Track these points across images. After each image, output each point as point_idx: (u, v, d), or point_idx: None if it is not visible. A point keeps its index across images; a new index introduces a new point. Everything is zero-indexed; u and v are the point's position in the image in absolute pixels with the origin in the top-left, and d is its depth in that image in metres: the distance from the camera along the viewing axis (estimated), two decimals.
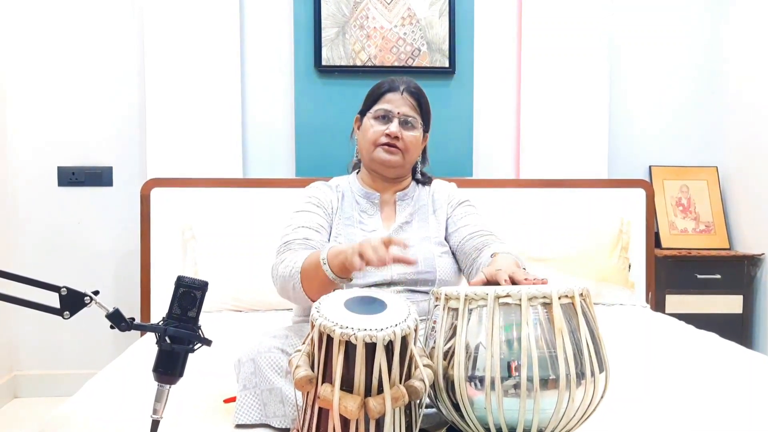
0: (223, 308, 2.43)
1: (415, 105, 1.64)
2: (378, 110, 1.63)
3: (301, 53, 2.88)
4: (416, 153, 1.68)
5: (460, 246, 1.61)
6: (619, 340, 1.87)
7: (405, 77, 1.69)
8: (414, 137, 1.63)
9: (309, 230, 1.55)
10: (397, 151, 1.62)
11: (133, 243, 2.81)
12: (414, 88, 1.65)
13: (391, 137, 1.60)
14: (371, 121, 1.64)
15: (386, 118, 1.62)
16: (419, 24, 2.87)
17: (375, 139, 1.62)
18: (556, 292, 1.04)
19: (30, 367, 2.89)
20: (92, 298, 0.98)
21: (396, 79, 1.66)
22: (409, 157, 1.65)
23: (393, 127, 1.60)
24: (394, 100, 1.62)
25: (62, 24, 2.84)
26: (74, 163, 2.87)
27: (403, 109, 1.62)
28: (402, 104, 1.62)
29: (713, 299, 2.81)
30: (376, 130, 1.62)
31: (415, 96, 1.64)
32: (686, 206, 3.02)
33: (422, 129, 1.66)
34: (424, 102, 1.67)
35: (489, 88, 3.00)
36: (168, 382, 1.00)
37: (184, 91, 2.78)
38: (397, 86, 1.64)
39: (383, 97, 1.64)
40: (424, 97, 1.67)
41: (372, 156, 1.64)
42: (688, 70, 3.10)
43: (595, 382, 1.04)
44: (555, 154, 2.93)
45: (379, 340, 0.93)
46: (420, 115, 1.65)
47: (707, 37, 3.09)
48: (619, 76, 3.06)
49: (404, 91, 1.63)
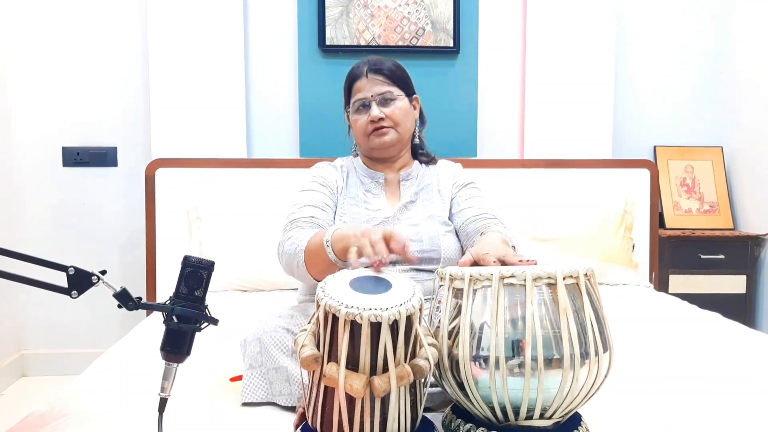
0: (229, 288, 2.44)
1: (384, 79, 1.62)
2: (354, 102, 1.64)
3: (305, 33, 2.86)
4: (409, 121, 1.67)
5: (463, 227, 1.61)
6: (622, 320, 1.87)
7: (367, 57, 1.67)
8: (398, 108, 1.62)
9: (315, 209, 1.55)
10: (387, 129, 1.62)
11: (138, 223, 2.82)
12: (375, 63, 1.63)
13: (376, 121, 1.60)
14: (354, 115, 1.65)
15: (365, 106, 1.62)
16: (424, 3, 2.85)
17: (364, 130, 1.63)
18: (561, 272, 1.04)
19: (37, 346, 2.92)
20: (100, 278, 0.98)
21: (359, 64, 1.65)
22: (402, 128, 1.64)
23: (374, 112, 1.60)
24: (362, 86, 1.62)
25: (66, 4, 2.83)
26: (79, 143, 2.87)
27: (374, 90, 1.61)
28: (372, 86, 1.61)
29: (717, 279, 2.81)
30: (361, 122, 1.63)
31: (381, 71, 1.62)
32: (691, 186, 3.01)
33: (405, 94, 1.65)
34: (393, 69, 1.64)
35: (493, 68, 2.98)
36: (175, 360, 1.00)
37: (188, 71, 2.77)
38: (361, 71, 1.63)
39: (353, 87, 1.64)
40: (391, 64, 1.65)
41: (368, 145, 1.65)
42: (694, 50, 3.07)
43: (599, 362, 1.04)
44: (559, 134, 2.92)
45: (384, 320, 0.94)
46: (395, 85, 1.63)
47: (715, 17, 3.06)
48: (626, 56, 3.03)
49: (368, 72, 1.62)
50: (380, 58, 1.66)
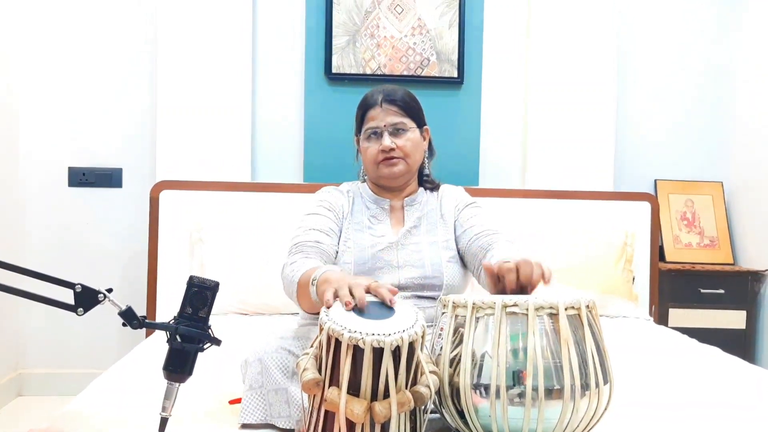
0: (229, 311, 2.44)
1: (398, 109, 1.63)
2: (366, 130, 1.65)
3: (312, 60, 2.90)
4: (418, 153, 1.68)
5: (468, 247, 1.62)
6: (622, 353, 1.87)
7: (382, 86, 1.68)
8: (410, 140, 1.64)
9: (320, 233, 1.57)
10: (398, 160, 1.63)
11: (142, 244, 2.82)
12: (390, 93, 1.65)
13: (387, 151, 1.62)
14: (365, 142, 1.66)
15: (376, 134, 1.63)
16: (429, 34, 2.90)
17: (374, 158, 1.64)
18: (562, 303, 1.05)
19: (35, 365, 2.91)
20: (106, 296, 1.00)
21: (374, 92, 1.66)
22: (411, 160, 1.66)
23: (386, 141, 1.61)
24: (376, 115, 1.63)
25: (75, 26, 2.88)
26: (85, 164, 2.90)
27: (387, 120, 1.62)
28: (385, 116, 1.62)
29: (717, 314, 2.81)
30: (372, 150, 1.64)
31: (395, 101, 1.64)
32: (691, 220, 3.03)
33: (416, 125, 1.66)
34: (407, 100, 1.66)
35: (497, 98, 3.01)
36: (177, 380, 1.01)
37: (195, 94, 2.81)
38: (375, 100, 1.64)
39: (366, 115, 1.65)
40: (405, 95, 1.66)
41: (377, 174, 1.67)
42: (694, 85, 3.11)
43: (600, 394, 1.05)
44: (561, 165, 2.94)
45: (386, 345, 0.94)
46: (408, 116, 1.64)
47: (715, 53, 3.11)
48: (626, 89, 3.07)
49: (383, 102, 1.63)
50: (395, 87, 1.67)
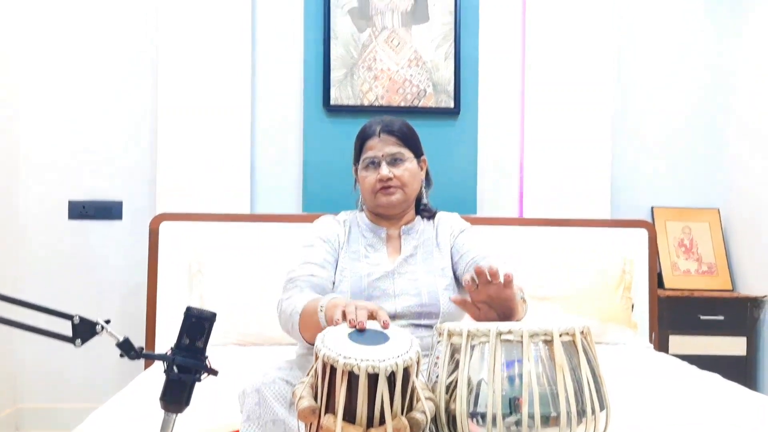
0: (228, 342, 2.44)
1: (396, 140, 1.65)
2: (364, 160, 1.67)
3: (310, 92, 2.95)
4: (416, 182, 1.70)
5: (465, 272, 1.63)
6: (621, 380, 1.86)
7: (381, 117, 1.71)
8: (407, 170, 1.65)
9: (314, 266, 1.58)
10: (395, 190, 1.65)
11: (140, 275, 2.83)
12: (388, 124, 1.67)
13: (384, 181, 1.64)
14: (363, 171, 1.68)
15: (374, 164, 1.65)
16: (425, 66, 2.94)
17: (371, 188, 1.66)
18: (557, 329, 1.06)
19: (33, 400, 2.89)
20: (104, 327, 1.00)
21: (372, 123, 1.69)
22: (409, 189, 1.67)
23: (383, 171, 1.63)
24: (374, 145, 1.65)
25: (76, 58, 2.93)
26: (85, 197, 2.92)
27: (386, 150, 1.64)
28: (383, 146, 1.65)
29: (716, 341, 2.80)
30: (370, 179, 1.66)
31: (393, 132, 1.66)
32: (688, 247, 3.04)
33: (414, 156, 1.68)
34: (405, 131, 1.68)
35: (493, 128, 3.04)
36: (175, 410, 1.01)
37: (195, 127, 2.85)
38: (374, 130, 1.67)
39: (365, 145, 1.67)
40: (403, 126, 1.69)
41: (375, 203, 1.68)
42: (691, 112, 3.14)
43: (596, 420, 1.05)
44: (558, 193, 2.96)
45: (381, 371, 0.95)
46: (405, 146, 1.66)
47: (711, 80, 3.15)
48: (623, 117, 3.11)
49: (381, 132, 1.65)
50: (393, 118, 1.70)
